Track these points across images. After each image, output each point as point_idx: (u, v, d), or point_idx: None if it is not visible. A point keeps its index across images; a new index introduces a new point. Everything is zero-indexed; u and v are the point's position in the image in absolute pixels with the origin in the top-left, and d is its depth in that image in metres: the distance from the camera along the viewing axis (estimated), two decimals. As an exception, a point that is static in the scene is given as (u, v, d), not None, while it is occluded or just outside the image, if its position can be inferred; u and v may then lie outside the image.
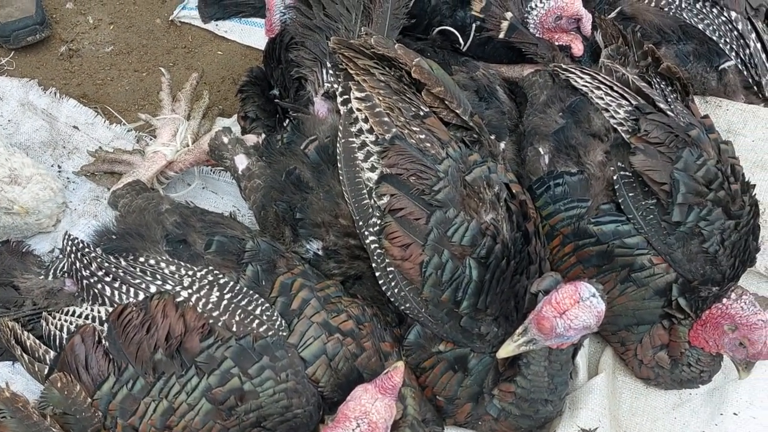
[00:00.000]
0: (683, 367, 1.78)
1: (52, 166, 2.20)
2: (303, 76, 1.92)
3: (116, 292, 1.59)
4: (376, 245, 1.63)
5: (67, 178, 2.20)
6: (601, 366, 1.87)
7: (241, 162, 1.93)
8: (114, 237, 1.73)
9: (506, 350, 1.49)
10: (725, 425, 1.82)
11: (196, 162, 2.09)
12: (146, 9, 2.65)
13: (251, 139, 2.02)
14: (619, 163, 1.82)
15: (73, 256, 1.66)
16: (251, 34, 2.58)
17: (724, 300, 1.68)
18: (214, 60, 2.55)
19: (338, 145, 1.71)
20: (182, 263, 1.64)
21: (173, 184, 2.17)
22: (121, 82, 2.46)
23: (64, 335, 1.58)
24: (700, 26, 2.25)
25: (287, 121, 1.88)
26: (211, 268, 1.63)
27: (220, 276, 1.61)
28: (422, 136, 1.68)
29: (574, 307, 1.42)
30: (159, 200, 1.83)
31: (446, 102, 1.76)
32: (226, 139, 1.96)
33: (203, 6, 2.61)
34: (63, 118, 2.28)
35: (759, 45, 2.30)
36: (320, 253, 1.75)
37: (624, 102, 1.88)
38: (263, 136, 1.95)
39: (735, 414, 1.84)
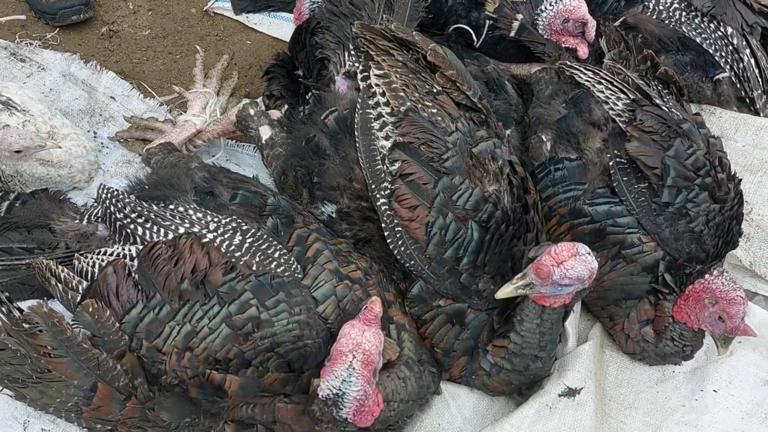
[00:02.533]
0: (667, 342, 1.89)
1: (88, 131, 2.36)
2: (326, 57, 2.09)
3: (147, 232, 1.73)
4: (387, 207, 1.77)
5: (102, 143, 2.36)
6: (590, 337, 1.98)
7: (266, 132, 2.09)
8: (146, 187, 1.88)
9: (504, 291, 1.61)
10: (704, 401, 1.93)
11: (223, 132, 2.25)
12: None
13: (275, 113, 2.19)
14: (615, 151, 1.96)
15: (108, 201, 1.81)
16: (279, 27, 2.76)
17: (707, 276, 1.81)
18: (243, 48, 2.73)
19: (356, 115, 1.86)
20: (209, 212, 1.78)
21: (199, 153, 2.32)
22: (156, 62, 2.64)
23: (96, 270, 1.72)
24: (698, 39, 2.41)
25: (309, 95, 2.04)
26: (234, 217, 1.77)
27: (243, 224, 1.75)
28: (434, 111, 1.83)
29: (571, 258, 1.56)
30: (189, 158, 1.99)
31: (458, 84, 1.91)
32: (252, 111, 2.13)
33: (236, -1, 2.81)
34: (101, 89, 2.45)
35: (752, 60, 2.45)
36: (334, 215, 1.89)
37: (623, 96, 2.04)
38: (285, 106, 2.11)
39: (714, 391, 1.94)
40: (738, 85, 2.43)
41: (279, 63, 2.39)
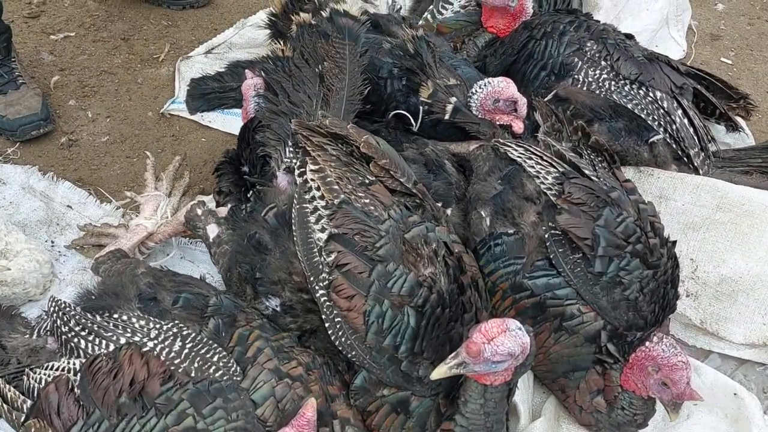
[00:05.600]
0: (618, 411, 1.89)
1: (46, 241, 2.43)
2: (268, 154, 2.17)
3: (90, 345, 1.76)
4: (326, 298, 1.80)
5: (59, 251, 2.41)
6: (543, 411, 1.98)
7: (213, 231, 2.15)
8: (93, 297, 1.92)
9: (438, 371, 1.62)
10: (666, 468, 1.91)
11: (174, 233, 2.31)
12: (140, 104, 2.97)
13: (222, 210, 2.25)
14: (549, 223, 2.02)
15: (55, 315, 1.85)
16: (232, 123, 2.88)
17: (647, 343, 1.82)
18: (198, 146, 2.84)
19: (293, 210, 1.92)
20: (151, 318, 1.81)
21: (153, 254, 2.38)
22: (113, 167, 2.73)
23: (41, 387, 1.74)
24: (629, 105, 2.51)
25: (251, 192, 2.11)
26: (176, 321, 1.80)
27: (184, 328, 1.78)
28: (367, 201, 1.89)
29: (501, 335, 1.59)
30: (136, 264, 2.03)
31: (391, 172, 1.99)
32: (199, 211, 2.19)
33: (190, 100, 2.90)
34: (59, 198, 2.53)
35: (686, 120, 2.55)
36: (278, 309, 1.93)
37: (552, 169, 2.11)
38: (229, 205, 2.17)
39: (675, 457, 1.93)
40: (674, 146, 2.51)
41: (228, 160, 2.47)
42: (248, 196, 2.18)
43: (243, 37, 3.22)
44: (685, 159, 2.52)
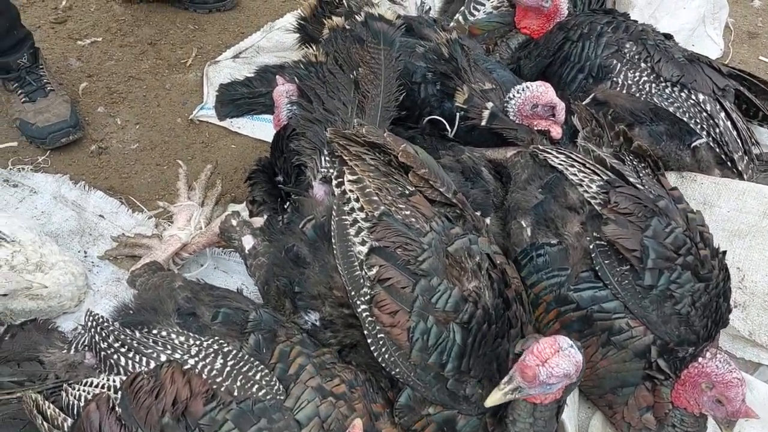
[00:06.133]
0: (668, 428, 1.83)
1: (78, 251, 2.41)
2: (303, 163, 2.13)
3: (130, 362, 1.73)
4: (368, 313, 1.76)
5: (92, 262, 2.39)
6: (590, 429, 1.92)
7: (248, 242, 2.11)
8: (131, 312, 1.89)
9: (493, 398, 1.58)
10: (718, 487, 1.85)
11: (209, 244, 2.28)
12: (169, 110, 2.95)
13: (258, 221, 2.22)
14: (594, 233, 1.96)
15: (93, 330, 1.82)
16: (262, 129, 2.85)
17: (700, 359, 1.76)
18: (228, 153, 2.81)
19: (332, 222, 1.88)
20: (191, 334, 1.79)
21: (187, 264, 2.35)
22: (144, 175, 2.71)
23: (82, 404, 1.71)
24: (671, 109, 2.44)
25: (288, 203, 2.07)
26: (216, 337, 1.77)
27: (225, 345, 1.74)
28: (408, 212, 1.85)
29: (555, 355, 1.54)
30: (173, 278, 2.00)
31: (430, 182, 1.94)
32: (234, 222, 2.16)
33: (219, 106, 2.87)
34: (90, 208, 2.51)
35: (729, 123, 2.47)
36: (317, 323, 1.89)
37: (596, 177, 2.05)
38: (266, 216, 2.14)
39: (727, 475, 1.87)
40: (717, 150, 2.44)
41: (260, 168, 2.44)
42: (284, 206, 2.15)
43: (271, 41, 3.19)
44: (728, 163, 2.46)
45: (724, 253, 1.97)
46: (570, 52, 2.55)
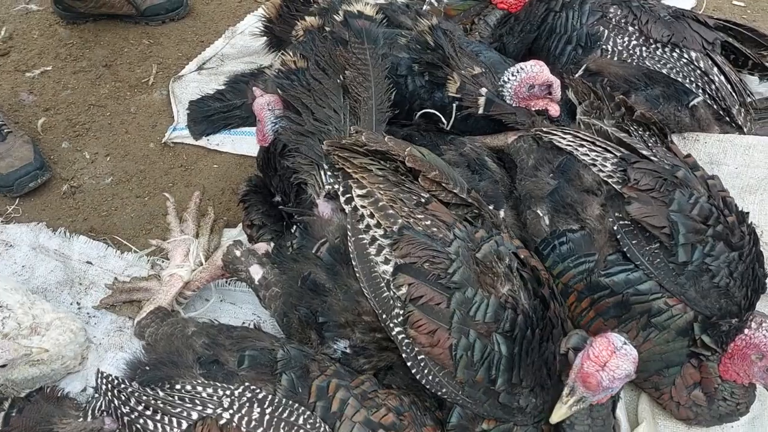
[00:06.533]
0: (720, 402, 1.80)
1: (71, 304, 2.24)
2: (303, 180, 2.00)
3: (159, 425, 1.61)
4: (403, 335, 1.67)
5: (87, 313, 2.23)
6: (641, 414, 1.89)
7: (257, 272, 1.99)
8: (147, 368, 1.76)
9: (559, 414, 1.53)
10: (772, 453, 1.84)
11: (212, 278, 2.14)
12: (138, 136, 2.76)
13: (262, 247, 2.09)
14: (616, 214, 1.89)
15: (110, 394, 1.69)
16: (242, 143, 2.69)
17: (746, 330, 1.73)
18: (212, 173, 2.65)
19: (349, 243, 1.77)
20: (218, 383, 1.67)
21: (192, 302, 2.22)
22: (125, 210, 2.53)
23: (112, 477, 1.60)
24: (664, 70, 2.38)
25: (294, 227, 1.94)
26: (247, 384, 1.65)
27: (258, 390, 1.64)
28: (428, 222, 1.75)
29: (613, 357, 1.48)
30: (184, 324, 1.87)
31: (443, 184, 1.84)
32: (238, 252, 2.02)
33: (192, 124, 2.73)
34: (75, 256, 2.34)
35: (722, 78, 2.43)
36: (348, 351, 1.79)
37: (609, 155, 1.98)
38: (272, 244, 2.01)
39: (779, 439, 1.86)
40: (715, 106, 2.40)
41: (253, 189, 2.31)
42: (290, 229, 2.02)
43: (235, 47, 3.01)
44: (727, 118, 2.42)
45: (748, 214, 1.93)
46: (555, 23, 2.46)
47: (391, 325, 1.68)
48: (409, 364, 1.67)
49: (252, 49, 2.94)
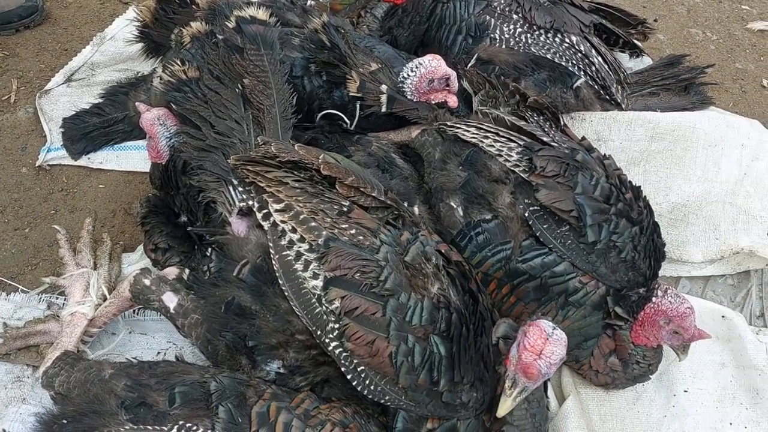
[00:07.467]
0: (633, 366, 1.95)
1: (-45, 360, 1.99)
2: (211, 199, 1.90)
3: (90, 486, 1.48)
4: (341, 349, 1.64)
5: (-23, 367, 2.00)
6: (566, 388, 2.00)
7: (171, 300, 1.86)
8: (65, 421, 1.60)
9: (505, 407, 1.58)
10: (681, 404, 2.01)
11: (120, 311, 1.99)
12: (7, 161, 2.49)
13: (172, 272, 1.96)
14: (526, 200, 1.97)
15: (25, 459, 1.53)
16: (128, 158, 2.51)
17: (653, 299, 1.87)
18: (98, 195, 2.44)
19: (273, 261, 1.70)
20: (149, 427, 1.56)
21: (98, 338, 2.04)
22: (4, 245, 2.28)
23: None
24: (548, 56, 2.49)
25: (209, 249, 1.84)
26: (181, 422, 1.55)
27: (195, 428, 1.54)
28: (353, 231, 1.72)
29: (547, 344, 1.54)
30: (99, 367, 1.72)
31: (361, 189, 1.82)
32: (147, 281, 1.88)
33: (70, 143, 2.50)
34: (-47, 305, 2.08)
35: (600, 59, 2.58)
36: (283, 371, 1.74)
37: (513, 144, 2.05)
38: (186, 270, 1.89)
39: (685, 391, 2.04)
40: (595, 86, 2.55)
41: (153, 209, 2.15)
42: (199, 249, 1.91)
43: (106, 54, 2.77)
44: (607, 96, 2.58)
45: (639, 188, 2.08)
46: (443, 14, 2.49)
47: (327, 340, 1.65)
48: (349, 377, 1.65)
49: (125, 56, 2.73)
